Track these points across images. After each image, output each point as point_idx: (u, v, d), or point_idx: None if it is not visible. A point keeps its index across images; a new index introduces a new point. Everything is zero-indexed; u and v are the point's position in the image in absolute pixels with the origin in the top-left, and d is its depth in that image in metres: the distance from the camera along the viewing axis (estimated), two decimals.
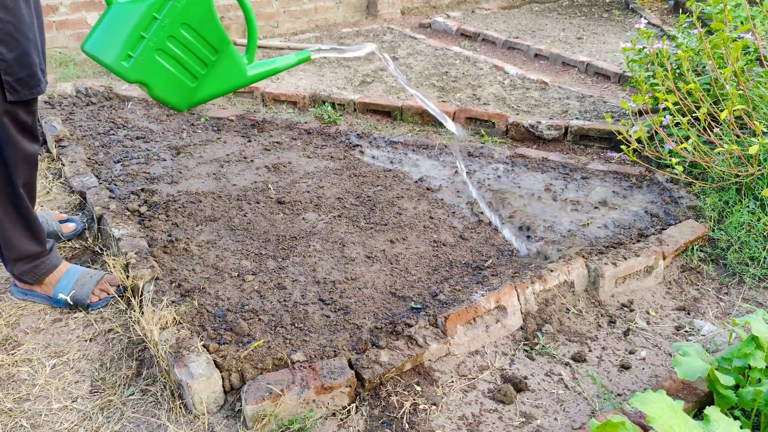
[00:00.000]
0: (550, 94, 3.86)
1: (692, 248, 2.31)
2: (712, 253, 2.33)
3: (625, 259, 2.12)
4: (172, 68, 1.50)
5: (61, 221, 2.36)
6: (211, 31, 1.51)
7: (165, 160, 2.97)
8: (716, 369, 1.49)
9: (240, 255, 2.22)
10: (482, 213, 2.50)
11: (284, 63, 1.71)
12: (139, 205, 2.50)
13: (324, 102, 3.68)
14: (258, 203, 2.58)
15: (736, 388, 1.51)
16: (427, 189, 2.73)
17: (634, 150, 2.73)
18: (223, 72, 1.59)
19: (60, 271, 2.01)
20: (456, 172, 2.90)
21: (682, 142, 2.58)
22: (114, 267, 2.03)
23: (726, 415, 1.36)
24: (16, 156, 1.75)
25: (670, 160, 2.55)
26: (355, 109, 3.65)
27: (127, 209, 2.45)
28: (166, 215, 2.46)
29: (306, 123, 3.42)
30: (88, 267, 2.20)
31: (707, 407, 1.28)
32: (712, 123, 2.64)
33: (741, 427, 1.22)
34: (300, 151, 3.10)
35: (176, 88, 1.54)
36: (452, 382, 1.73)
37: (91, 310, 2.00)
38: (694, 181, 2.62)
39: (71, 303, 1.98)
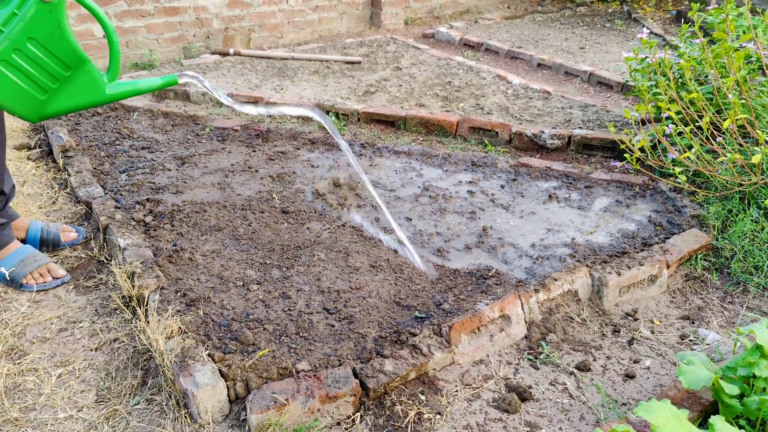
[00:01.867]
0: (553, 103, 3.87)
1: (696, 257, 2.31)
2: (716, 262, 2.33)
3: (629, 268, 2.12)
4: (19, 80, 1.51)
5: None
6: (61, 49, 1.53)
7: (170, 170, 2.99)
8: (721, 378, 1.49)
9: (245, 264, 2.23)
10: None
11: (147, 85, 1.69)
12: (145, 215, 2.52)
13: (328, 112, 3.70)
14: (263, 213, 2.59)
15: (740, 397, 1.51)
16: (430, 197, 2.74)
17: (638, 159, 2.73)
18: (79, 88, 1.59)
19: (10, 248, 2.15)
20: (460, 181, 2.91)
21: (685, 151, 2.59)
22: (119, 277, 2.04)
23: (731, 424, 1.36)
24: None
25: (674, 169, 2.56)
26: (358, 119, 3.67)
27: (133, 219, 2.46)
28: (171, 225, 2.47)
29: (310, 133, 3.44)
30: (94, 276, 2.21)
31: (712, 416, 1.28)
32: (714, 132, 2.65)
33: None
34: (304, 161, 3.11)
35: (23, 99, 1.55)
36: (457, 391, 1.73)
37: (24, 290, 2.10)
38: (698, 190, 2.62)
39: (8, 279, 2.10)
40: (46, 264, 2.17)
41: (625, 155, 2.75)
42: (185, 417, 1.61)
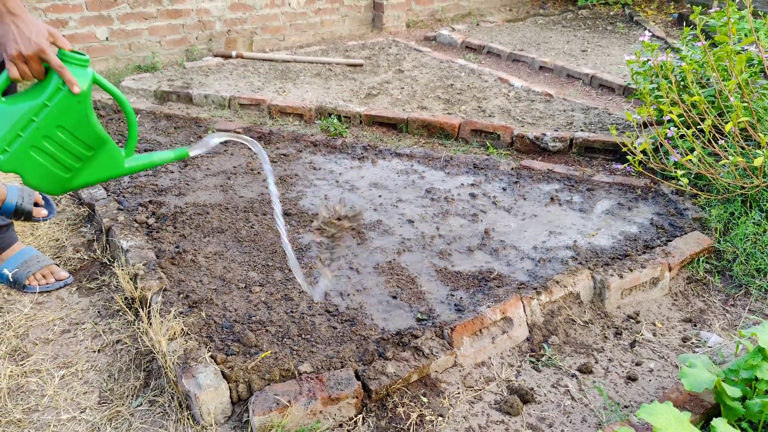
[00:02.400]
0: (555, 106, 3.88)
1: (698, 260, 2.31)
2: (718, 264, 2.33)
3: (631, 270, 2.12)
4: (46, 162, 1.61)
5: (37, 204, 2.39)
6: (86, 133, 1.61)
7: (173, 172, 3.00)
8: (723, 380, 1.49)
9: (247, 266, 2.24)
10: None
11: (161, 158, 1.78)
12: (147, 217, 2.52)
13: (330, 114, 3.70)
14: (265, 215, 2.60)
15: (743, 399, 1.51)
16: (432, 200, 2.74)
17: (639, 162, 2.74)
18: (100, 164, 1.68)
19: (14, 249, 2.17)
20: (462, 183, 2.91)
21: (686, 154, 2.59)
22: (122, 278, 2.05)
23: (733, 426, 1.36)
24: None
25: (675, 171, 2.56)
26: (361, 122, 3.67)
27: (135, 221, 2.47)
28: (173, 227, 2.48)
29: (312, 135, 3.45)
30: (97, 278, 2.22)
31: (714, 419, 1.28)
32: (716, 135, 2.65)
33: None
34: (307, 164, 3.12)
35: (50, 178, 1.64)
36: (459, 393, 1.73)
37: (27, 292, 2.12)
38: (700, 192, 2.62)
39: (11, 280, 2.12)
40: (49, 266, 2.18)
41: (627, 158, 2.75)
42: (187, 418, 1.61)
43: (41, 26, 1.52)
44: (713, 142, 2.59)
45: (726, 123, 2.53)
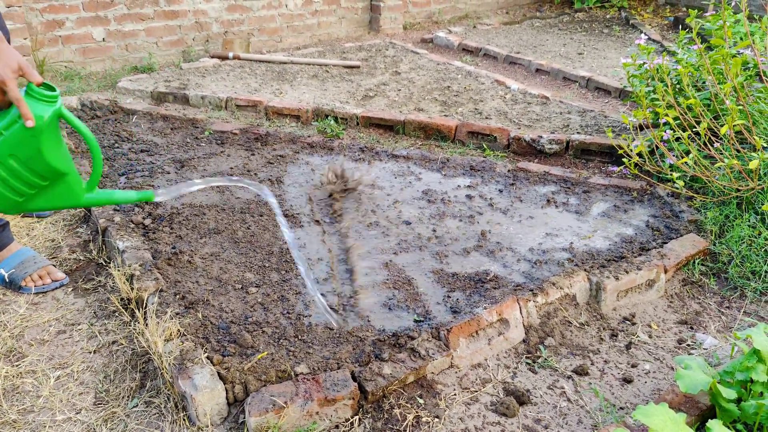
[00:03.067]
0: (552, 108, 3.89)
1: (693, 262, 2.32)
2: (714, 266, 2.34)
3: (627, 272, 2.13)
4: None
5: None
6: (39, 166, 1.62)
7: (169, 173, 2.99)
8: (718, 382, 1.50)
9: (243, 267, 2.24)
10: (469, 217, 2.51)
11: (123, 197, 1.81)
12: (144, 218, 2.52)
13: (327, 116, 3.70)
14: (261, 216, 2.60)
15: (738, 401, 1.52)
16: (429, 201, 2.75)
17: (635, 164, 2.74)
18: (56, 194, 1.70)
19: (10, 249, 2.19)
20: (459, 185, 2.92)
21: (682, 157, 2.60)
22: (118, 279, 2.04)
23: (728, 428, 1.37)
24: None
25: (671, 174, 2.57)
26: (357, 123, 3.68)
27: (132, 222, 2.46)
28: (170, 228, 2.47)
29: (309, 137, 3.45)
30: (93, 278, 2.22)
31: (709, 420, 1.28)
32: (712, 138, 2.66)
33: None
34: (303, 165, 3.12)
35: (1, 199, 1.66)
36: (455, 394, 1.73)
37: (23, 292, 2.12)
38: (695, 195, 2.64)
39: (7, 281, 2.14)
40: (45, 266, 2.18)
41: (623, 160, 2.76)
42: (183, 419, 1.61)
43: (12, 57, 1.54)
44: (709, 144, 2.60)
45: (721, 126, 2.54)
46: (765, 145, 2.42)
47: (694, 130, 2.66)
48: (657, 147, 2.81)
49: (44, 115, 1.56)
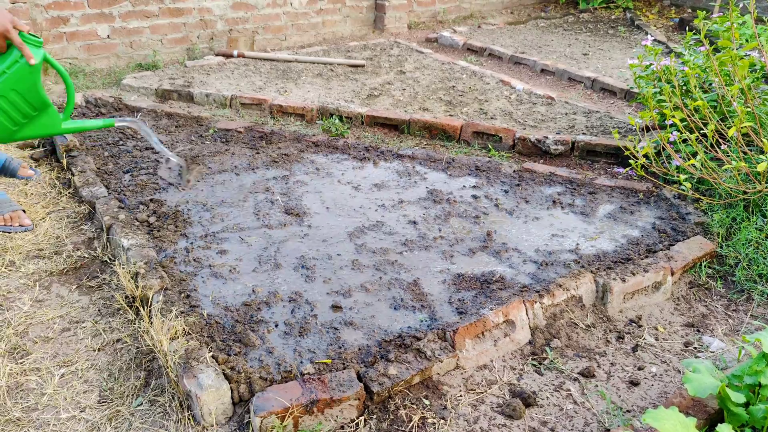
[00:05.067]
0: (557, 109, 3.87)
1: (700, 264, 2.30)
2: (720, 269, 2.33)
3: (634, 274, 2.12)
4: None
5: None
6: (34, 97, 2.07)
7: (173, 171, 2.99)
8: (727, 386, 1.49)
9: (249, 266, 2.23)
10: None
11: (91, 124, 2.29)
12: (148, 216, 2.51)
13: (332, 115, 3.70)
14: (267, 214, 2.59)
15: (746, 405, 1.51)
16: (434, 201, 2.74)
17: (642, 165, 2.73)
18: (41, 124, 2.14)
19: None
20: (464, 185, 2.91)
21: (689, 159, 2.59)
22: (123, 277, 2.03)
23: None
24: None
25: (678, 176, 2.56)
26: (362, 122, 3.67)
27: (136, 219, 2.46)
28: (174, 226, 2.47)
29: (314, 135, 3.44)
30: (97, 276, 2.21)
31: (719, 425, 1.28)
32: (719, 140, 2.65)
33: None
34: (308, 164, 3.11)
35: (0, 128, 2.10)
36: (461, 396, 1.72)
37: None
38: (702, 197, 2.62)
39: None
40: (17, 211, 2.40)
41: (630, 162, 2.75)
42: (188, 419, 1.60)
43: (6, 13, 1.95)
44: (716, 146, 2.59)
45: (728, 128, 2.53)
46: None
47: (701, 131, 2.65)
48: (663, 148, 2.79)
49: (39, 55, 2.01)
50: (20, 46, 1.97)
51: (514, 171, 3.06)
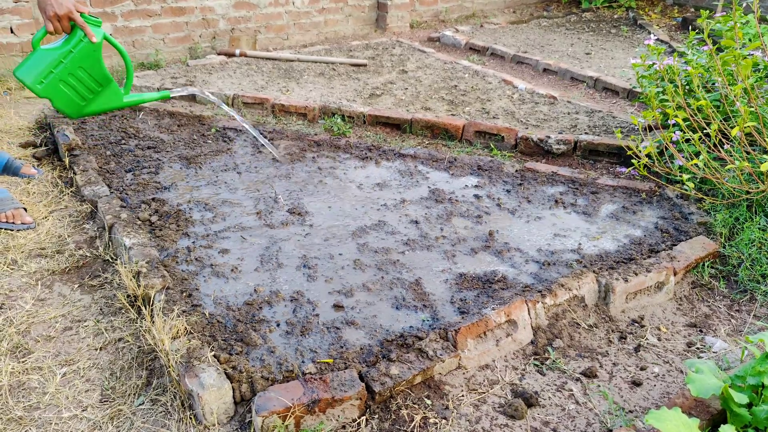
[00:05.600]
0: (559, 108, 3.87)
1: (703, 264, 2.30)
2: (723, 269, 2.32)
3: (636, 274, 2.11)
4: (69, 92, 2.35)
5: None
6: (98, 73, 2.32)
7: (176, 169, 2.99)
8: (730, 387, 1.48)
9: (251, 265, 2.23)
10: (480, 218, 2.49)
11: (149, 96, 2.53)
12: (150, 215, 2.51)
13: (334, 114, 3.69)
14: (270, 213, 2.59)
15: (749, 406, 1.50)
16: (437, 201, 2.73)
17: (644, 165, 2.73)
18: (106, 98, 2.39)
19: None
20: (466, 185, 2.90)
21: (692, 158, 2.58)
22: (125, 276, 2.03)
23: None
24: None
25: (681, 176, 2.55)
26: (364, 122, 3.66)
27: (138, 218, 2.46)
28: (176, 225, 2.47)
29: (316, 135, 3.44)
30: (99, 275, 2.21)
31: (722, 425, 1.27)
32: (722, 139, 2.64)
33: None
34: (310, 162, 3.11)
35: (71, 104, 2.38)
36: (462, 396, 1.72)
37: None
38: (705, 197, 2.62)
39: None
40: (18, 209, 2.44)
41: (632, 161, 2.74)
42: (190, 418, 1.60)
43: None
44: (719, 146, 2.58)
45: (732, 127, 2.52)
46: None
47: (704, 131, 2.64)
48: (666, 148, 2.79)
49: (100, 34, 2.24)
50: (83, 26, 2.18)
51: (517, 170, 3.06)
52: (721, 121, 2.58)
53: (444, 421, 1.63)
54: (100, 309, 2.05)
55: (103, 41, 2.28)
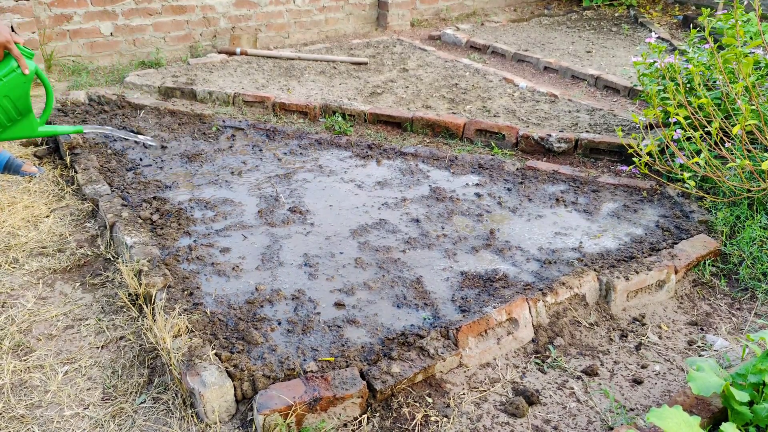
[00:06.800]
0: (560, 107, 3.87)
1: (704, 263, 2.30)
2: (724, 268, 2.32)
3: (637, 273, 2.11)
4: None
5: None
6: (23, 104, 2.21)
7: (177, 168, 2.99)
8: (731, 385, 1.48)
9: (252, 263, 2.23)
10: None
11: (63, 129, 2.47)
12: (151, 213, 2.52)
13: (334, 112, 3.69)
14: (271, 212, 2.59)
15: (750, 404, 1.50)
16: (437, 199, 2.73)
17: (645, 163, 2.72)
18: (22, 126, 2.28)
19: None
20: (467, 183, 2.90)
21: (693, 157, 2.58)
22: (126, 275, 2.04)
23: (741, 431, 1.35)
24: None
25: (682, 174, 2.55)
26: (365, 120, 3.66)
27: (140, 217, 2.46)
28: (178, 223, 2.47)
29: (317, 133, 3.44)
30: (100, 273, 2.21)
31: (723, 424, 1.27)
32: (723, 138, 2.64)
33: None
34: (310, 161, 3.11)
35: None
36: (464, 394, 1.72)
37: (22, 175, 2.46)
38: (706, 195, 2.61)
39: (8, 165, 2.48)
40: (26, 162, 2.48)
41: (633, 159, 2.74)
42: (191, 416, 1.61)
43: (4, 26, 2.08)
44: (720, 144, 2.58)
45: (733, 126, 2.52)
46: None
47: (705, 129, 2.64)
48: (667, 146, 2.79)
49: (32, 66, 2.16)
50: (18, 58, 2.10)
51: (517, 169, 3.06)
52: (722, 119, 2.58)
53: (445, 419, 1.63)
54: (102, 307, 2.05)
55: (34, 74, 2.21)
